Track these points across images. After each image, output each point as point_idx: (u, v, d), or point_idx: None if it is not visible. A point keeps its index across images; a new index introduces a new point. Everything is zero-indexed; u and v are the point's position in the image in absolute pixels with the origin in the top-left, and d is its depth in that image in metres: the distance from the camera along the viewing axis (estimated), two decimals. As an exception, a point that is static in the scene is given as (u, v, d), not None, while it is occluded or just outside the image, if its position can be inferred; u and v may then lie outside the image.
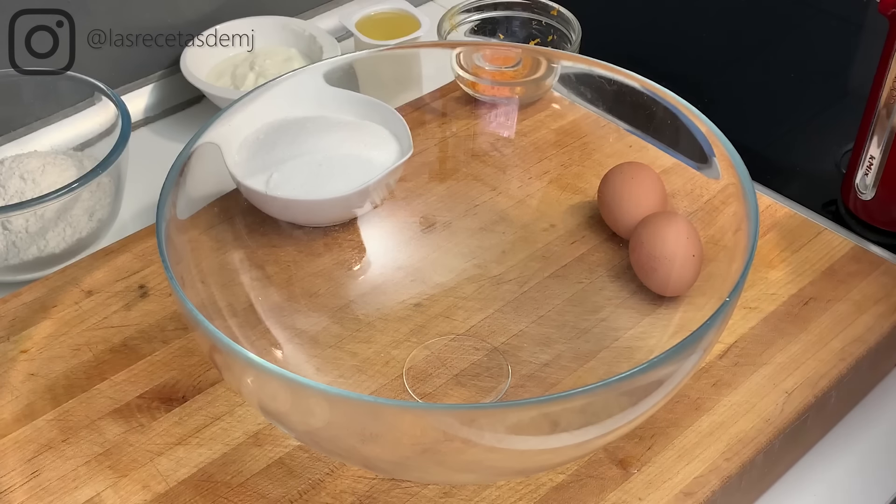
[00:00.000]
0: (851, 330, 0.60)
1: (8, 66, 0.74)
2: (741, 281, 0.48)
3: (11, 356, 0.59)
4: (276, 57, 0.84)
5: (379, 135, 0.67)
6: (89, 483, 0.53)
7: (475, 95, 0.72)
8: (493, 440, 0.45)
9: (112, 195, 0.70)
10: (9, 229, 0.66)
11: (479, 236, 0.67)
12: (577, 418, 0.45)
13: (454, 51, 0.74)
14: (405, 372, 0.59)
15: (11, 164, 0.70)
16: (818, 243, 0.66)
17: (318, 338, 0.60)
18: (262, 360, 0.43)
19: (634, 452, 0.54)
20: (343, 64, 0.64)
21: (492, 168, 0.70)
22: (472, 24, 0.86)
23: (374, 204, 0.67)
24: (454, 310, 0.63)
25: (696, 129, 0.57)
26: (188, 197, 0.55)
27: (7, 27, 0.73)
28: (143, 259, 0.66)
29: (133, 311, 0.62)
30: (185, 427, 0.55)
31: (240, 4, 0.86)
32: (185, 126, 0.84)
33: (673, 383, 0.48)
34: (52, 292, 0.63)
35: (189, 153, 0.54)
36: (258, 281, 0.61)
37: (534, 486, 0.52)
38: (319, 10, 0.92)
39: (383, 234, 0.67)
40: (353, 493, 0.52)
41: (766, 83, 0.89)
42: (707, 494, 0.52)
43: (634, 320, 0.61)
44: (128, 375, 0.58)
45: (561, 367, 0.59)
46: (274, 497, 0.52)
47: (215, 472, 0.53)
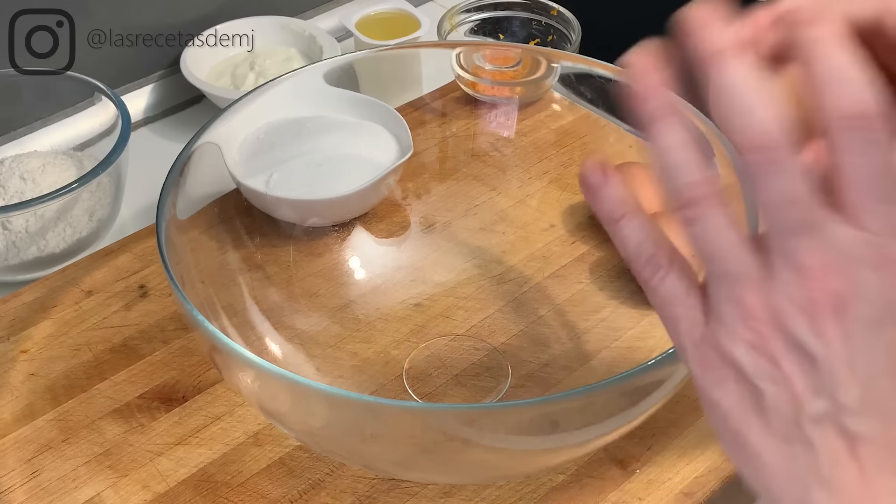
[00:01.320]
0: (851, 330, 0.60)
1: (8, 66, 0.74)
2: (741, 281, 0.47)
3: (11, 356, 0.59)
4: (276, 57, 0.84)
5: (379, 135, 0.67)
6: (89, 483, 0.53)
7: (475, 95, 0.72)
8: (494, 440, 0.45)
9: (112, 195, 0.70)
10: (9, 229, 0.66)
11: (479, 236, 0.67)
12: (577, 418, 0.45)
13: (454, 51, 0.74)
14: (405, 372, 0.59)
15: (11, 164, 0.70)
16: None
17: (318, 338, 0.60)
18: (262, 360, 0.43)
19: (634, 452, 0.54)
20: (343, 64, 0.64)
21: (492, 168, 0.70)
22: (472, 24, 0.86)
23: (374, 204, 0.67)
24: (454, 310, 0.63)
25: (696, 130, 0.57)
26: (188, 197, 0.55)
27: (7, 27, 0.73)
28: (143, 259, 0.66)
29: (133, 311, 0.62)
30: (185, 427, 0.55)
31: (240, 4, 0.86)
32: (185, 126, 0.83)
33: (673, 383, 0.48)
34: (52, 292, 0.63)
35: (189, 153, 0.54)
36: (258, 281, 0.61)
37: (534, 486, 0.52)
38: (319, 10, 0.92)
39: (383, 234, 0.67)
40: (353, 493, 0.52)
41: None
42: (707, 494, 0.52)
43: (634, 320, 0.61)
44: (128, 375, 0.58)
45: (561, 367, 0.59)
46: (274, 497, 0.52)
47: (215, 472, 0.53)
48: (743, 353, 0.31)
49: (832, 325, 0.29)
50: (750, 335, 0.31)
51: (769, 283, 0.30)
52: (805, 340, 0.30)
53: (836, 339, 0.29)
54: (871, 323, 0.29)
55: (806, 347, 0.30)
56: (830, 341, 0.29)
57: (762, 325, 0.30)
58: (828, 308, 0.29)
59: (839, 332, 0.29)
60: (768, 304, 0.30)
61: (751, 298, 0.31)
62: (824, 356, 0.30)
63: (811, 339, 0.30)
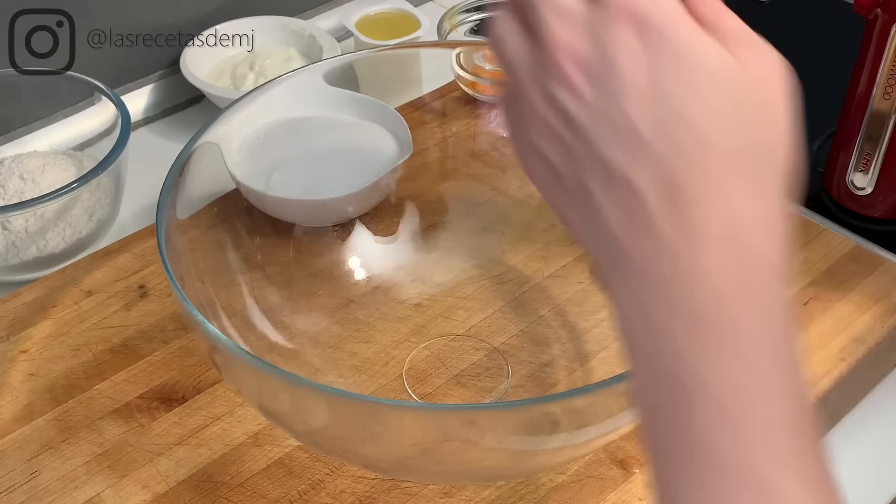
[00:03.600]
0: (851, 330, 0.60)
1: (8, 66, 0.74)
2: (741, 281, 0.47)
3: (11, 356, 0.59)
4: (276, 57, 0.84)
5: (379, 135, 0.67)
6: (89, 483, 0.53)
7: (475, 95, 0.72)
8: (494, 440, 0.45)
9: (112, 195, 0.70)
10: (8, 229, 0.66)
11: (479, 236, 0.67)
12: (577, 418, 0.45)
13: (454, 51, 0.74)
14: (405, 372, 0.59)
15: (11, 164, 0.70)
16: (818, 243, 0.66)
17: (318, 338, 0.60)
18: (262, 360, 0.43)
19: (634, 452, 0.54)
20: (343, 64, 0.64)
21: (492, 168, 0.70)
22: (472, 24, 0.86)
23: (374, 204, 0.67)
24: (454, 310, 0.63)
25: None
26: (188, 197, 0.55)
27: (7, 27, 0.73)
28: (143, 259, 0.65)
29: (133, 311, 0.62)
30: (185, 427, 0.55)
31: (240, 4, 0.86)
32: (185, 126, 0.83)
33: (673, 383, 0.48)
34: (51, 292, 0.63)
35: (189, 153, 0.54)
36: (258, 281, 0.61)
37: (534, 487, 0.52)
38: (319, 10, 0.92)
39: (383, 234, 0.67)
40: (353, 493, 0.52)
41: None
42: (707, 494, 0.52)
43: (634, 320, 0.61)
44: (128, 375, 0.58)
45: (561, 367, 0.59)
46: (274, 497, 0.52)
47: (215, 472, 0.53)
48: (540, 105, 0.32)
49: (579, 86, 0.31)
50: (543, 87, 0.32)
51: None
52: (562, 101, 0.31)
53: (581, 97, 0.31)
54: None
55: (564, 107, 0.31)
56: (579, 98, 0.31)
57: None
58: (566, 71, 0.30)
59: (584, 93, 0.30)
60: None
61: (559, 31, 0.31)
62: (575, 112, 0.31)
63: (568, 101, 0.31)
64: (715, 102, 0.29)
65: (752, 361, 0.29)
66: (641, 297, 0.30)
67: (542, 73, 0.32)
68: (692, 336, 0.29)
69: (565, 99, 0.31)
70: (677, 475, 0.29)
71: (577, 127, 0.31)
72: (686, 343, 0.29)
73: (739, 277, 0.29)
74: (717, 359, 0.29)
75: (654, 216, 0.29)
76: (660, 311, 0.30)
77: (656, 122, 0.29)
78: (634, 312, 0.31)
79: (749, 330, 0.29)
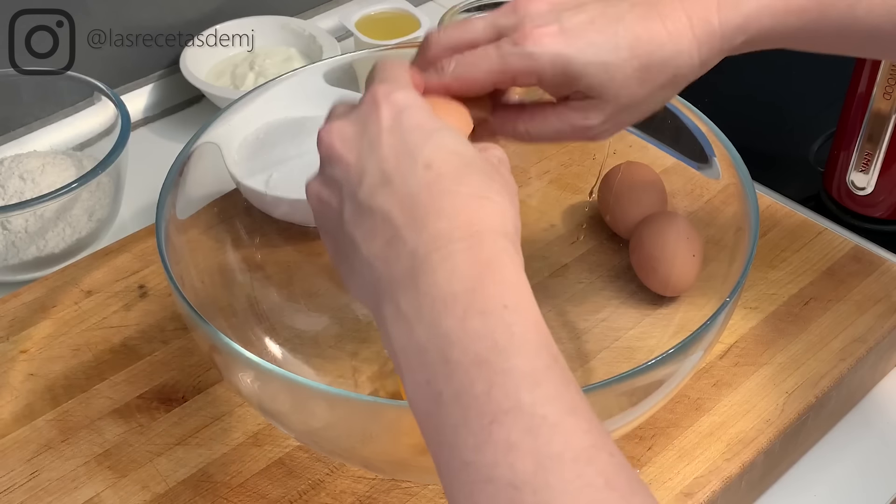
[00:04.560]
0: (851, 330, 0.60)
1: (8, 66, 0.74)
2: (741, 281, 0.48)
3: (11, 356, 0.59)
4: (276, 57, 0.84)
5: (379, 135, 0.67)
6: (89, 483, 0.53)
7: (475, 95, 0.72)
8: (493, 440, 0.45)
9: (111, 195, 0.70)
10: (8, 229, 0.66)
11: (479, 236, 0.67)
12: (577, 418, 0.45)
13: (454, 51, 0.74)
14: (405, 372, 0.59)
15: (11, 164, 0.70)
16: (818, 243, 0.66)
17: (318, 338, 0.60)
18: (262, 360, 0.43)
19: (634, 452, 0.54)
20: (343, 64, 0.64)
21: (492, 168, 0.70)
22: (471, 23, 0.86)
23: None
24: (454, 310, 0.63)
25: (696, 129, 0.57)
26: (188, 197, 0.55)
27: (7, 27, 0.73)
28: (143, 259, 0.65)
29: (133, 311, 0.62)
30: (184, 427, 0.55)
31: (240, 4, 0.86)
32: (185, 126, 0.83)
33: (673, 383, 0.48)
34: (51, 292, 0.63)
35: (189, 153, 0.54)
36: (258, 281, 0.61)
37: (534, 487, 0.52)
38: (319, 9, 0.92)
39: (383, 234, 0.67)
40: (353, 493, 0.52)
41: (765, 83, 0.89)
42: (707, 495, 0.52)
43: (634, 320, 0.61)
44: (127, 376, 0.58)
45: (561, 367, 0.59)
46: (274, 497, 0.52)
47: (215, 472, 0.53)
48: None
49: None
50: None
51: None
52: (333, 174, 0.39)
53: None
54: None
55: (334, 177, 0.39)
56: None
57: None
58: (336, 149, 0.39)
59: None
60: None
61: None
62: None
63: (337, 171, 0.39)
64: (442, 146, 0.37)
65: (494, 312, 0.34)
66: (398, 301, 0.35)
67: (322, 168, 0.40)
68: (446, 311, 0.34)
69: (335, 170, 0.39)
70: (455, 433, 0.33)
71: (341, 187, 0.38)
72: (443, 320, 0.34)
73: (470, 249, 0.35)
74: (469, 322, 0.34)
75: (401, 230, 0.36)
76: (417, 302, 0.35)
77: (399, 165, 0.37)
78: (398, 323, 0.35)
79: (488, 289, 0.35)
